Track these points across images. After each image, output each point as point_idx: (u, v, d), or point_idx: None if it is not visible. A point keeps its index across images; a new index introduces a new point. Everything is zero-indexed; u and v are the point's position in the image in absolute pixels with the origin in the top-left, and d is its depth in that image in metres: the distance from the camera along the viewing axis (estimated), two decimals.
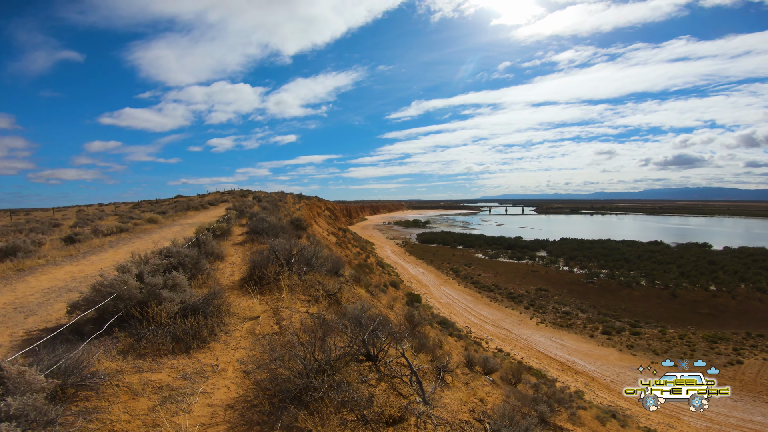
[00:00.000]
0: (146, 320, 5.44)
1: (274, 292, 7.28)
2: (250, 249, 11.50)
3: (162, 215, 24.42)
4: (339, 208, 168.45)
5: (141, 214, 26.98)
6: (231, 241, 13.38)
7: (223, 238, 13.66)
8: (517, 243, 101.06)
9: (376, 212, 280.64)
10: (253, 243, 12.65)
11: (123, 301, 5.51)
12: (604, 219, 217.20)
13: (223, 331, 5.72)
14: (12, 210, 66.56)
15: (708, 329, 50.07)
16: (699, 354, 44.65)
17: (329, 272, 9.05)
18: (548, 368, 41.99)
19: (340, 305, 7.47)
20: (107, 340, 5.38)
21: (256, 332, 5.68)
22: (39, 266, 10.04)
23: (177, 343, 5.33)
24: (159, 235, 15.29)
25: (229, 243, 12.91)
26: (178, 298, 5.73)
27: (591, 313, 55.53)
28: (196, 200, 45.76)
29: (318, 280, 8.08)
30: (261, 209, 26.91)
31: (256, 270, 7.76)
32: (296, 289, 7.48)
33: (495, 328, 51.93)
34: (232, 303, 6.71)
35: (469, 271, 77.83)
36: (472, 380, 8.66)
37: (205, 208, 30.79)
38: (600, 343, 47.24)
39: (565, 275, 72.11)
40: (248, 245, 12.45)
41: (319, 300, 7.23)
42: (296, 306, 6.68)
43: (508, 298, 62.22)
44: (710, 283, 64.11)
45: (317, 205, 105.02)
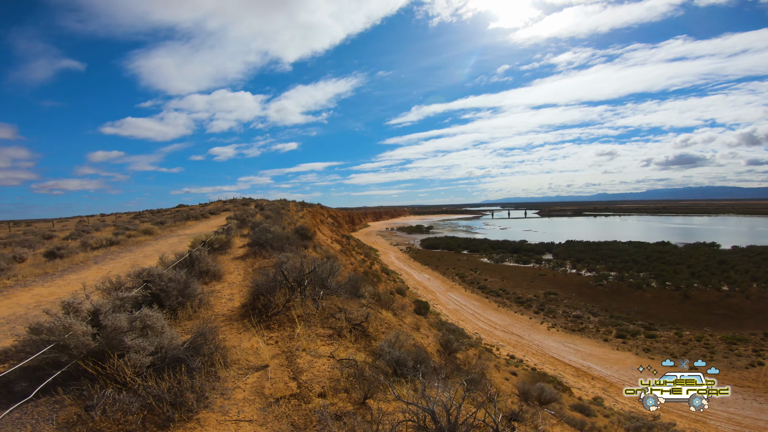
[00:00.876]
0: (103, 379, 3.80)
1: (285, 325, 5.63)
2: (253, 265, 9.88)
3: (160, 225, 22.81)
4: (341, 215, 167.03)
5: (139, 224, 25.45)
6: (231, 255, 11.74)
7: (222, 251, 12.02)
8: (522, 246, 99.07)
9: (378, 218, 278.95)
10: (255, 257, 11.02)
11: (68, 352, 3.86)
12: (608, 220, 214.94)
13: (217, 392, 4.05)
14: (14, 221, 65.26)
15: (725, 330, 48.03)
16: (719, 356, 42.77)
17: (348, 293, 7.40)
18: (563, 374, 40.07)
19: (368, 338, 5.81)
20: (47, 402, 3.75)
21: (265, 392, 4.01)
22: (4, 288, 8.41)
23: (150, 414, 3.68)
24: (152, 248, 13.66)
25: (228, 257, 11.27)
26: (151, 344, 4.08)
27: (603, 317, 53.58)
28: (198, 209, 44.20)
29: (337, 306, 6.43)
30: (264, 218, 25.31)
31: (260, 296, 6.11)
32: (312, 320, 5.84)
33: (505, 334, 50.01)
34: (231, 344, 5.05)
35: (475, 276, 75.94)
36: (540, 420, 6.95)
37: (206, 218, 29.18)
38: (615, 347, 45.26)
39: (573, 278, 70.19)
40: (250, 260, 10.81)
41: (342, 333, 5.58)
42: (315, 345, 5.03)
43: (517, 303, 60.30)
44: (722, 283, 62.21)
45: (320, 212, 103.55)
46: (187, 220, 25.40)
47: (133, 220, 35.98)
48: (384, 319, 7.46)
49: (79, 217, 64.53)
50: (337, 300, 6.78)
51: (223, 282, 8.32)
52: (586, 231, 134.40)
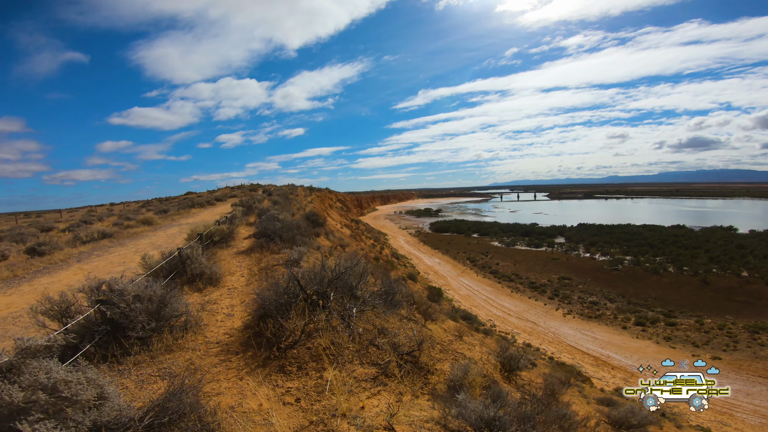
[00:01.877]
0: None
1: (307, 365, 3.80)
2: (259, 262, 8.06)
3: (163, 214, 21.12)
4: (350, 199, 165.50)
5: (145, 212, 23.82)
6: (234, 249, 9.92)
7: (224, 244, 10.22)
8: (533, 230, 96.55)
9: (386, 202, 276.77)
10: (262, 251, 9.20)
11: None
12: (619, 203, 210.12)
13: None
14: (26, 213, 64.62)
15: (746, 318, 45.85)
16: (742, 345, 40.94)
17: (384, 302, 5.54)
18: (582, 363, 38.46)
19: (422, 371, 3.99)
20: None
21: None
22: None
23: None
24: (147, 241, 11.88)
25: (230, 252, 9.46)
26: (82, 424, 2.26)
27: (620, 303, 51.62)
28: (205, 196, 42.63)
29: (375, 326, 4.60)
30: (272, 204, 23.51)
31: (268, 320, 4.26)
32: (345, 353, 4.00)
33: (520, 321, 48.37)
34: (227, 401, 3.23)
35: (487, 260, 74.07)
36: None
37: (212, 205, 27.43)
38: (634, 335, 43.43)
39: (587, 262, 68.02)
40: (256, 254, 8.99)
41: (388, 371, 3.76)
42: (358, 401, 3.21)
43: (531, 288, 58.50)
44: (741, 269, 59.75)
45: (328, 197, 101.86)
46: (191, 208, 23.65)
47: (140, 209, 34.58)
48: (433, 337, 5.64)
49: (89, 206, 63.61)
50: (372, 316, 4.94)
51: (221, 287, 6.51)
52: (597, 214, 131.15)
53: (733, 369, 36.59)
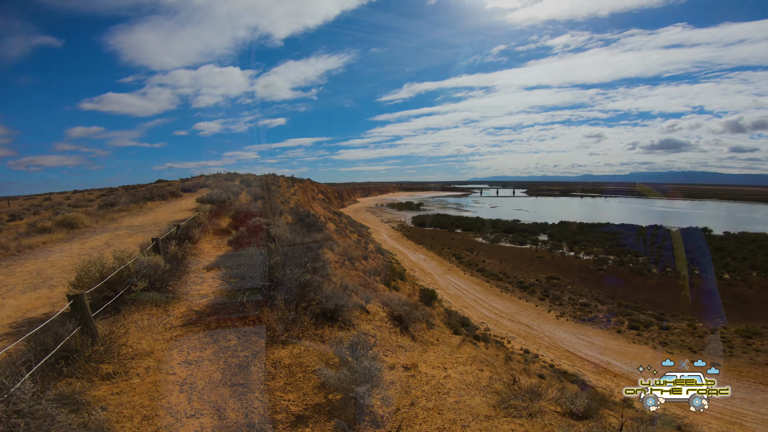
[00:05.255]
0: None
1: None
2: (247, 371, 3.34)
3: (107, 209, 15.65)
4: (331, 190, 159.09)
5: (69, 210, 18.23)
6: (184, 306, 5.02)
7: (172, 276, 5.36)
8: (515, 226, 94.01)
9: (367, 194, 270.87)
10: (248, 335, 4.42)
11: None
12: (594, 201, 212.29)
13: None
14: None
15: (735, 322, 44.23)
16: (738, 351, 39.03)
17: None
18: (583, 371, 35.40)
19: None
20: None
21: None
22: None
23: None
24: (33, 267, 6.77)
25: (177, 312, 4.60)
26: None
27: (611, 305, 49.20)
28: (175, 185, 36.69)
29: None
30: (252, 199, 18.33)
31: None
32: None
33: (513, 324, 45.04)
34: None
35: (473, 257, 70.73)
36: None
37: (177, 197, 21.87)
38: (630, 340, 40.88)
39: (572, 261, 65.75)
40: (222, 342, 4.19)
41: None
42: None
43: (520, 288, 55.44)
44: (722, 271, 58.83)
45: (311, 188, 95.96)
46: (148, 201, 18.12)
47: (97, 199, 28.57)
48: None
49: (48, 194, 55.81)
50: None
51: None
52: (574, 211, 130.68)
53: (734, 376, 34.47)
